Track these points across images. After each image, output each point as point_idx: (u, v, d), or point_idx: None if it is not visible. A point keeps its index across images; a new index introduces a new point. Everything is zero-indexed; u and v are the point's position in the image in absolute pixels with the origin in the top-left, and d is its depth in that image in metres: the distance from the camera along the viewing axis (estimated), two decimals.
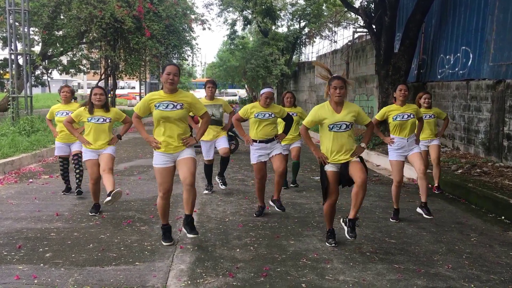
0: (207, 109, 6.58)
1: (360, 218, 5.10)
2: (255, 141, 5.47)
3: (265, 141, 5.46)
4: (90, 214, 5.50)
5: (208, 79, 6.89)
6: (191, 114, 4.81)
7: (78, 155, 6.36)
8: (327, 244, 4.55)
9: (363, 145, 4.54)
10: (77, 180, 6.47)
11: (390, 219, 5.51)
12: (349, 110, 4.40)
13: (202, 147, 6.66)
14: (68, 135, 6.29)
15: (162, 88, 4.46)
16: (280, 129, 5.92)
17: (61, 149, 6.53)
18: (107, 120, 5.51)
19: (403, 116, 5.44)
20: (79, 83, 50.17)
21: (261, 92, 5.57)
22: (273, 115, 5.49)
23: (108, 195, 5.10)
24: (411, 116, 5.45)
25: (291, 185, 7.27)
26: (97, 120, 5.46)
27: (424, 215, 5.52)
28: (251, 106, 5.56)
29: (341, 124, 4.36)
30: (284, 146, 6.60)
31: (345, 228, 4.47)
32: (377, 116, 5.65)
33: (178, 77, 4.27)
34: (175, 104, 4.26)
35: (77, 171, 6.45)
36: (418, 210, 5.66)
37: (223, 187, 6.83)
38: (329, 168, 4.44)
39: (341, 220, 4.62)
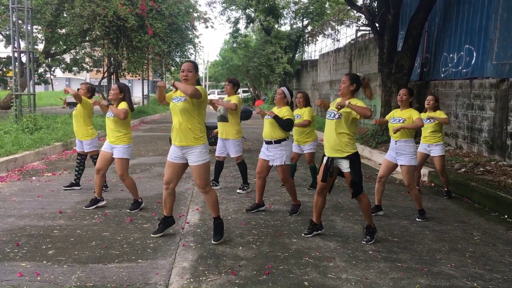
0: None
1: (362, 217, 5.09)
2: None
3: (265, 141, 5.55)
4: (84, 208, 5.62)
5: (228, 78, 6.96)
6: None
7: (88, 156, 6.68)
8: (301, 234, 4.74)
9: (347, 101, 4.27)
10: (75, 177, 6.74)
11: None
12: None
13: (218, 143, 6.81)
14: (80, 133, 6.53)
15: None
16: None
17: (79, 146, 6.72)
18: (113, 114, 5.61)
19: (394, 119, 5.55)
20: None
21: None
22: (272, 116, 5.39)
23: (133, 208, 5.58)
24: (401, 121, 5.46)
25: (310, 187, 7.19)
26: (109, 115, 5.63)
27: (417, 219, 5.49)
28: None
29: (331, 112, 4.49)
30: (297, 146, 6.85)
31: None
32: (387, 116, 5.89)
33: (192, 72, 4.35)
34: (181, 97, 4.38)
35: (80, 167, 6.73)
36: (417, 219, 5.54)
37: (243, 191, 6.75)
38: (325, 158, 4.59)
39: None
